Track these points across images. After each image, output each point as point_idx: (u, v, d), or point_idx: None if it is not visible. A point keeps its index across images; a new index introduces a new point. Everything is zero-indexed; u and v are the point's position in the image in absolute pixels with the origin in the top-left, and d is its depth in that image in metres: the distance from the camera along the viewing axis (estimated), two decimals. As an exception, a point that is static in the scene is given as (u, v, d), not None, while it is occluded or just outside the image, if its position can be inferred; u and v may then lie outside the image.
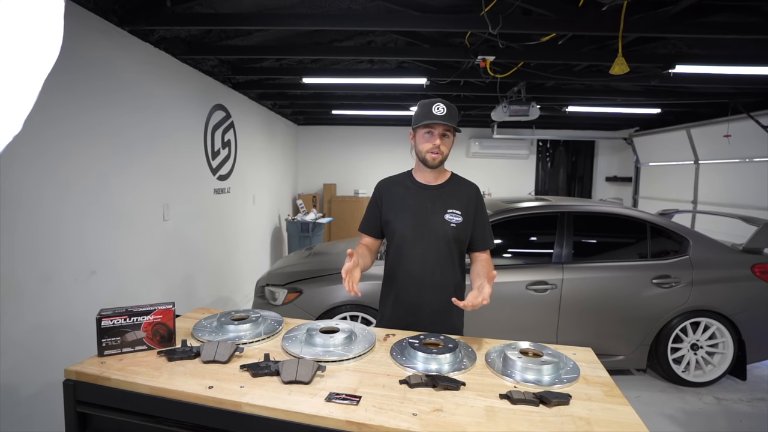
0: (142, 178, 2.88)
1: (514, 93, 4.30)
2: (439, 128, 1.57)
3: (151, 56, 2.99)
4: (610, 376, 1.23)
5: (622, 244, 3.29)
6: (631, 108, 5.28)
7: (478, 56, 3.08)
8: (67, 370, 1.20)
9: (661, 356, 3.09)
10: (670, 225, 3.24)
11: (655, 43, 3.49)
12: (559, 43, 3.26)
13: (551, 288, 2.99)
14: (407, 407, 1.04)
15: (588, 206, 3.35)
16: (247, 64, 4.01)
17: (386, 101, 5.57)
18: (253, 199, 5.28)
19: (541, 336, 3.02)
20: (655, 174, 6.83)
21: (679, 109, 5.48)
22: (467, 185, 1.72)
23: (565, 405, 1.06)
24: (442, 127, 1.56)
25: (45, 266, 2.11)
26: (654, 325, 3.04)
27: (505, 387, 1.15)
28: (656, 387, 3.16)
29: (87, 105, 2.37)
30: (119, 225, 2.65)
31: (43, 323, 2.09)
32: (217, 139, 4.12)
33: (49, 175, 2.12)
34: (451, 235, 1.62)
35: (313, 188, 7.96)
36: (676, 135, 5.90)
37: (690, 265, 3.09)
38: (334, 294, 3.01)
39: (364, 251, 1.69)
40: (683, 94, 4.59)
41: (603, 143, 7.72)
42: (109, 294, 2.52)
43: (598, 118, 6.43)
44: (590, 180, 7.89)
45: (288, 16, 2.77)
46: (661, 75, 3.57)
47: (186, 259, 3.54)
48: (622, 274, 3.08)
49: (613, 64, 2.48)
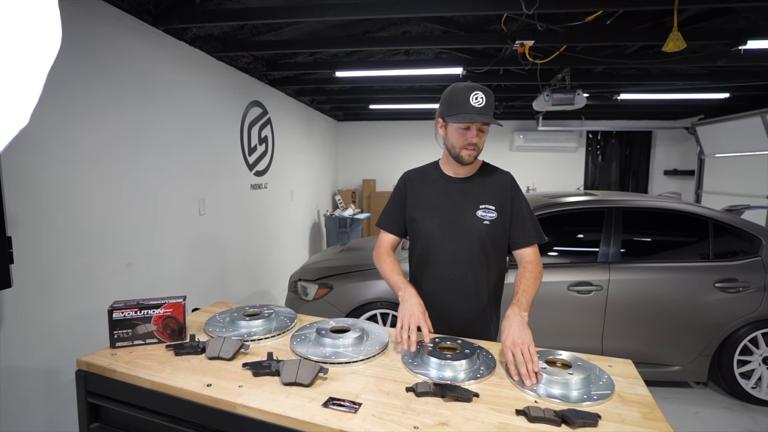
0: (178, 174, 2.97)
1: (557, 80, 4.01)
2: (478, 123, 1.38)
3: (186, 54, 3.07)
4: (652, 394, 1.06)
5: (679, 243, 2.97)
6: (693, 93, 4.77)
7: (516, 41, 2.88)
8: (78, 361, 1.21)
9: (726, 369, 2.76)
10: (738, 222, 2.88)
11: (723, 18, 3.09)
12: (608, 23, 2.97)
13: (596, 289, 2.75)
14: (409, 419, 0.94)
15: (638, 201, 3.04)
16: (281, 59, 4.03)
17: (424, 94, 5.42)
18: (291, 194, 5.34)
19: (583, 341, 2.79)
20: (721, 166, 6.17)
21: (751, 92, 4.88)
22: (500, 175, 1.53)
23: (593, 427, 0.91)
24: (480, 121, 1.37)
25: (85, 258, 2.22)
26: (717, 334, 2.71)
27: (524, 401, 1.02)
28: (719, 403, 2.83)
29: (125, 104, 2.46)
30: (155, 219, 2.74)
31: (85, 312, 2.19)
32: (254, 135, 4.19)
33: (87, 171, 2.22)
34: (484, 234, 1.45)
35: (353, 184, 7.97)
36: (749, 122, 5.27)
37: (763, 267, 2.72)
38: (365, 290, 2.95)
39: (395, 261, 1.54)
40: (756, 74, 4.07)
41: (661, 134, 7.10)
42: (144, 287, 2.61)
43: (655, 106, 5.90)
44: (646, 174, 7.29)
45: (316, 7, 2.73)
46: (730, 53, 3.17)
47: (222, 253, 3.62)
48: (678, 276, 2.77)
49: (667, 40, 2.21)
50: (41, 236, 1.97)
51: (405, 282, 1.42)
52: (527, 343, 1.15)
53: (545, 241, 1.51)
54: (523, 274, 1.42)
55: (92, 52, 2.21)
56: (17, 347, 1.88)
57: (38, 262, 1.96)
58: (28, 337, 1.94)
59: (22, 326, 1.90)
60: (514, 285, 1.40)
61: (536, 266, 1.44)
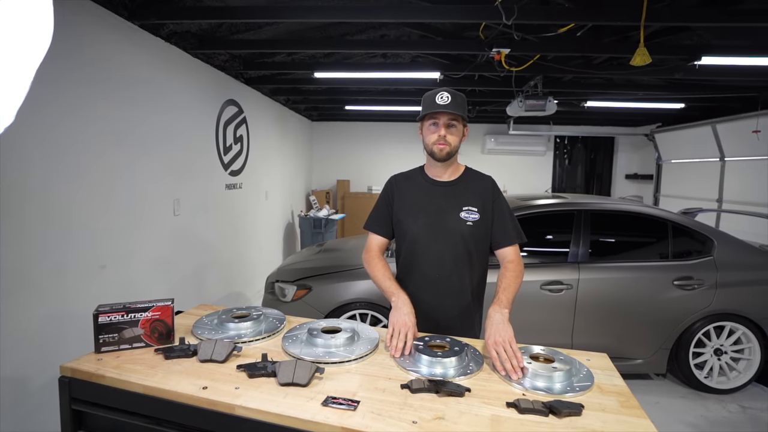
0: (152, 173, 2.89)
1: (530, 87, 4.17)
2: (444, 118, 1.48)
3: (162, 51, 2.99)
4: (627, 385, 1.15)
5: (641, 243, 3.16)
6: (653, 103, 5.08)
7: (492, 49, 2.99)
8: (62, 367, 1.18)
9: (682, 361, 2.96)
10: (693, 224, 3.10)
11: (679, 34, 3.32)
12: (578, 35, 3.13)
13: (567, 288, 2.89)
14: (407, 414, 0.98)
15: (606, 204, 3.22)
16: (258, 58, 3.99)
17: (400, 96, 5.50)
18: (265, 194, 5.28)
19: (555, 338, 2.92)
20: (677, 171, 6.59)
21: (704, 103, 5.25)
22: (482, 179, 1.62)
23: (577, 416, 0.98)
24: (446, 116, 1.47)
25: (56, 259, 2.13)
26: (675, 329, 2.91)
27: (512, 394, 1.08)
28: (677, 393, 3.03)
29: (98, 99, 2.38)
30: (129, 219, 2.66)
31: (56, 314, 2.10)
32: (230, 134, 4.12)
33: (59, 168, 2.13)
34: (467, 234, 1.52)
35: (327, 184, 7.95)
36: (701, 131, 5.66)
37: (714, 266, 2.94)
38: (344, 291, 2.97)
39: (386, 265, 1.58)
40: (709, 87, 4.39)
41: (623, 140, 7.49)
42: (118, 288, 2.53)
43: (619, 113, 6.22)
44: (609, 177, 7.67)
45: (298, 8, 2.73)
46: (686, 67, 3.41)
47: (196, 254, 3.55)
48: (641, 275, 2.95)
49: (634, 55, 2.36)
50: (9, 236, 1.88)
51: (398, 288, 1.48)
52: (509, 339, 1.23)
53: (525, 242, 1.59)
54: (504, 273, 1.50)
55: (63, 44, 2.12)
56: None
57: (5, 263, 1.86)
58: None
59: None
60: (496, 284, 1.47)
61: (517, 265, 1.52)
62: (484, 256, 1.60)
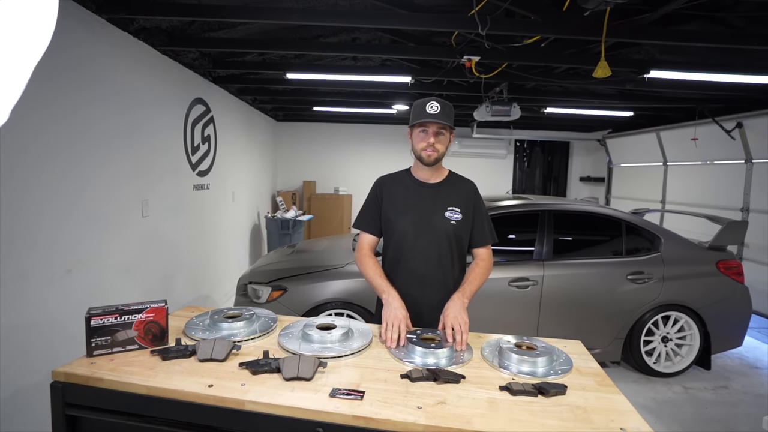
0: (119, 173, 2.78)
1: (496, 93, 4.37)
2: (433, 126, 1.59)
3: (129, 46, 2.88)
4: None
5: (599, 241, 3.42)
6: (605, 111, 5.46)
7: (464, 56, 3.12)
8: (54, 372, 1.15)
9: (635, 349, 3.23)
10: (643, 223, 3.39)
11: (629, 49, 3.62)
12: (542, 46, 3.34)
13: (532, 284, 3.07)
14: (411, 401, 1.05)
15: (567, 205, 3.46)
16: (229, 57, 3.92)
17: (368, 99, 5.56)
18: (232, 195, 5.17)
19: (522, 331, 3.09)
20: (626, 175, 7.10)
21: (650, 112, 5.71)
22: (465, 183, 1.75)
23: (562, 395, 1.10)
24: (435, 125, 1.58)
25: (19, 264, 2.01)
26: (628, 319, 3.17)
27: (502, 379, 1.18)
28: (629, 378, 3.30)
29: (60, 94, 2.26)
30: (96, 221, 2.55)
31: (18, 324, 1.99)
32: (197, 133, 4.02)
33: (16, 167, 2.00)
34: (451, 232, 1.64)
35: (293, 185, 7.86)
36: (647, 137, 6.15)
37: (662, 261, 3.23)
38: (319, 291, 3.00)
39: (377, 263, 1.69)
40: (655, 98, 4.79)
41: (578, 144, 7.96)
42: (85, 293, 2.42)
43: (574, 119, 6.62)
44: (565, 180, 8.12)
45: (273, 9, 2.72)
46: (636, 79, 3.72)
47: (165, 256, 3.44)
48: (599, 271, 3.19)
49: (596, 68, 2.56)
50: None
51: (388, 285, 1.57)
52: (463, 320, 1.42)
53: (497, 242, 1.76)
54: (473, 268, 1.67)
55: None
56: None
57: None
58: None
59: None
60: (465, 275, 1.64)
61: (487, 263, 1.69)
62: (463, 253, 1.74)
